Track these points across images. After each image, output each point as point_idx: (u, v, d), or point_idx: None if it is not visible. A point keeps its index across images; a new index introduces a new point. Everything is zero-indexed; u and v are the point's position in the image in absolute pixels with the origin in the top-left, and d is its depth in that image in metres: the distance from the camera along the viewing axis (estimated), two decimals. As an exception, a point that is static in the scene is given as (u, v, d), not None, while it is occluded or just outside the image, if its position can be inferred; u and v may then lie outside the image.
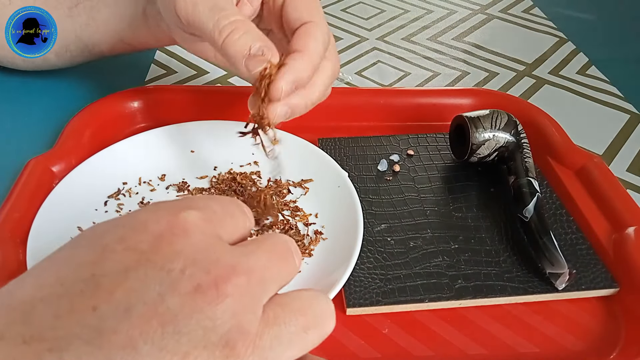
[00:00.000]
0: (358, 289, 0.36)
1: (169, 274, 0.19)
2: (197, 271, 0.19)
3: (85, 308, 0.18)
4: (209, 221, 0.21)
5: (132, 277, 0.18)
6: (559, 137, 0.49)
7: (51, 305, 0.18)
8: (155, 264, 0.19)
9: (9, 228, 0.37)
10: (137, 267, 0.19)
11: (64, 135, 0.46)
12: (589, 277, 0.38)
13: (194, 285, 0.19)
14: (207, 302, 0.19)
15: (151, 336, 0.17)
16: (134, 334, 0.17)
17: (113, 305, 0.18)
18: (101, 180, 0.42)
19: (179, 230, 0.20)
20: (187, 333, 0.18)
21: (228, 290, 0.19)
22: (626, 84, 0.64)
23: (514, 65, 0.68)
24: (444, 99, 0.55)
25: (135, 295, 0.18)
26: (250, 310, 0.20)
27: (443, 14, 0.80)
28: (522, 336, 0.35)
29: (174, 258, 0.19)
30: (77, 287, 0.18)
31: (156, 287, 0.18)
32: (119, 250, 0.19)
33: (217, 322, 0.19)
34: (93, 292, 0.18)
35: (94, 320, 0.17)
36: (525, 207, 0.40)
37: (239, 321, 0.19)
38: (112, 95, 0.51)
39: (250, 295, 0.20)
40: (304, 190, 0.43)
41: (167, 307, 0.18)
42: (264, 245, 0.23)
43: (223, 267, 0.20)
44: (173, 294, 0.18)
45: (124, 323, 0.17)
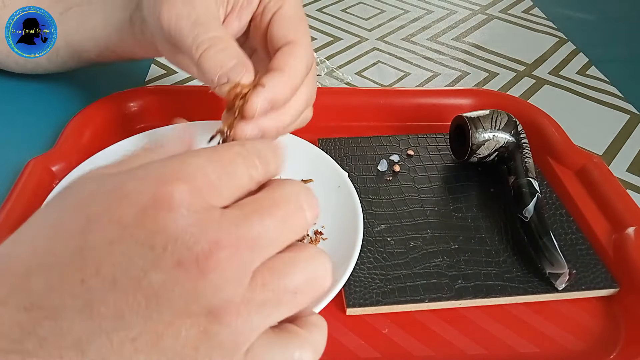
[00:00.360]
0: (358, 289, 0.36)
1: (152, 250, 0.19)
2: (179, 248, 0.19)
3: (74, 280, 0.19)
4: (197, 193, 0.20)
5: (117, 251, 0.19)
6: (559, 137, 0.49)
7: (44, 276, 0.19)
8: (138, 239, 0.19)
9: (9, 228, 0.37)
10: (121, 241, 0.19)
11: (64, 135, 0.46)
12: (589, 277, 0.38)
13: (174, 262, 0.19)
14: (188, 277, 0.19)
15: (136, 308, 0.19)
16: (121, 305, 0.19)
17: (100, 278, 0.19)
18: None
19: (163, 205, 0.20)
20: (170, 306, 0.19)
21: (209, 265, 0.19)
22: (626, 84, 0.64)
23: (514, 66, 0.68)
24: (444, 99, 0.55)
25: (120, 270, 0.19)
26: (235, 280, 0.20)
27: (443, 14, 0.80)
28: (522, 336, 0.35)
29: (156, 234, 0.19)
30: (66, 258, 0.19)
31: (139, 262, 0.19)
32: (104, 222, 0.20)
33: (199, 294, 0.19)
34: (81, 265, 0.19)
35: (82, 292, 0.19)
36: (525, 207, 0.40)
37: (221, 292, 0.19)
38: (112, 95, 0.51)
39: (234, 267, 0.20)
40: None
41: (149, 281, 0.19)
42: (263, 204, 0.22)
43: (205, 242, 0.20)
44: (156, 269, 0.19)
45: (111, 295, 0.19)
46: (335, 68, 0.65)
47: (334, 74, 0.64)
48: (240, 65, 0.34)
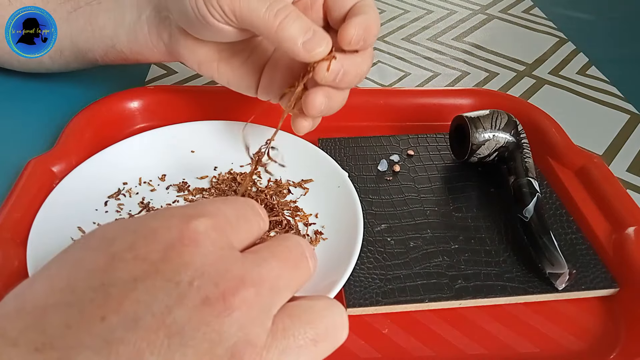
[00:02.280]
0: (358, 289, 0.36)
1: (177, 286, 0.19)
2: (205, 283, 0.19)
3: (94, 318, 0.18)
4: (220, 230, 0.21)
5: (141, 288, 0.19)
6: (559, 137, 0.49)
7: (62, 313, 0.18)
8: (164, 275, 0.19)
9: (9, 228, 0.37)
10: (145, 277, 0.19)
11: (64, 135, 0.46)
12: (589, 277, 0.38)
13: (201, 298, 0.19)
14: (214, 315, 0.19)
15: (158, 348, 0.18)
16: (141, 345, 0.18)
17: (121, 316, 0.18)
18: (101, 180, 0.42)
19: (189, 241, 0.20)
20: (193, 345, 0.18)
21: (236, 303, 0.19)
22: (626, 84, 0.64)
23: (514, 66, 0.68)
24: (444, 99, 0.55)
25: (144, 307, 0.18)
26: (258, 322, 0.20)
27: (443, 14, 0.80)
28: (522, 336, 0.35)
29: (182, 270, 0.19)
30: (87, 295, 0.19)
31: (164, 298, 0.18)
32: (128, 259, 0.19)
33: (224, 335, 0.19)
34: (102, 302, 0.18)
35: (102, 331, 0.18)
36: (525, 207, 0.40)
37: (246, 334, 0.19)
38: (112, 95, 0.51)
39: (259, 307, 0.20)
40: (304, 191, 0.43)
41: (174, 319, 0.18)
42: (276, 251, 0.22)
43: (231, 279, 0.20)
44: (180, 306, 0.18)
45: (132, 334, 0.18)
46: (335, 68, 0.65)
47: (334, 74, 0.63)
48: (320, 32, 0.35)
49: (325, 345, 0.22)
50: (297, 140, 0.46)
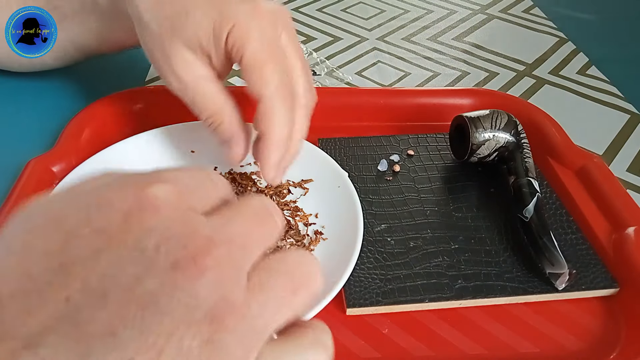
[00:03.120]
0: (358, 289, 0.36)
1: (143, 254, 0.18)
2: (173, 247, 0.18)
3: (57, 300, 0.17)
4: (179, 194, 0.20)
5: (104, 261, 0.17)
6: (559, 137, 0.49)
7: (20, 302, 0.17)
8: (127, 245, 0.18)
9: (9, 228, 0.37)
10: (107, 250, 0.17)
11: (64, 135, 0.46)
12: (589, 277, 0.38)
13: (171, 263, 0.18)
14: (187, 278, 0.18)
15: (131, 321, 0.16)
16: (112, 320, 0.16)
17: (87, 293, 0.17)
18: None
19: (148, 206, 0.19)
20: (170, 312, 0.17)
21: (208, 263, 0.18)
22: (626, 84, 0.64)
23: (514, 65, 0.68)
24: (444, 99, 0.55)
25: (110, 280, 0.17)
26: (234, 280, 0.19)
27: (443, 14, 0.80)
28: (522, 336, 0.35)
29: (146, 236, 0.18)
30: (45, 278, 0.17)
31: (131, 269, 0.17)
32: (85, 234, 0.18)
33: (200, 297, 0.18)
34: (64, 282, 0.17)
35: (68, 312, 0.16)
36: (525, 207, 0.40)
37: (223, 294, 0.18)
38: (112, 95, 0.51)
39: (232, 265, 0.19)
40: (304, 191, 0.43)
41: (145, 288, 0.17)
42: (240, 210, 0.21)
43: (200, 239, 0.19)
44: (150, 274, 0.17)
45: (101, 311, 0.16)
46: (335, 68, 0.65)
47: (334, 74, 0.64)
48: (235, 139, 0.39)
49: (303, 294, 0.21)
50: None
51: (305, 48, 0.68)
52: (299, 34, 0.72)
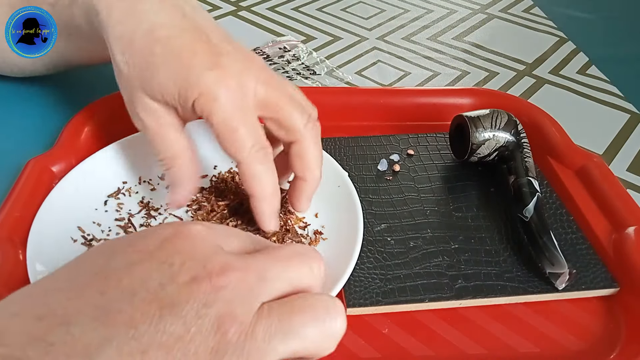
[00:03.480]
0: (358, 289, 0.36)
1: (170, 267, 0.21)
2: (195, 265, 0.21)
3: (94, 292, 0.20)
4: (211, 233, 0.24)
5: (138, 269, 0.21)
6: (559, 137, 0.49)
7: (63, 292, 0.20)
8: (159, 259, 0.21)
9: (9, 228, 0.37)
10: (142, 262, 0.21)
11: (64, 135, 0.46)
12: (589, 277, 0.38)
13: (190, 276, 0.21)
14: (201, 291, 0.21)
15: (150, 318, 0.19)
16: (135, 315, 0.19)
17: (119, 290, 0.20)
18: (101, 179, 0.42)
19: (183, 235, 0.23)
20: (182, 317, 0.20)
21: (221, 282, 0.21)
22: (626, 84, 0.64)
23: (514, 65, 0.68)
24: (444, 99, 0.55)
25: (140, 283, 0.20)
26: (245, 302, 0.21)
27: (443, 13, 0.80)
28: (522, 336, 0.35)
29: (175, 255, 0.22)
30: (87, 278, 0.21)
31: (158, 277, 0.21)
32: (127, 252, 0.22)
33: (210, 308, 0.20)
34: (102, 281, 0.21)
35: (101, 302, 0.20)
36: (525, 207, 0.40)
37: (232, 310, 0.21)
38: (112, 95, 0.51)
39: (245, 290, 0.22)
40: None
41: (166, 293, 0.20)
42: (269, 252, 0.24)
43: (218, 262, 0.22)
44: (172, 283, 0.21)
45: (128, 305, 0.20)
46: (335, 67, 0.65)
47: (334, 74, 0.63)
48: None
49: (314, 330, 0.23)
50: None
51: (305, 47, 0.68)
52: (299, 34, 0.72)
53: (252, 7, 0.79)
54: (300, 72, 0.63)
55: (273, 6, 0.79)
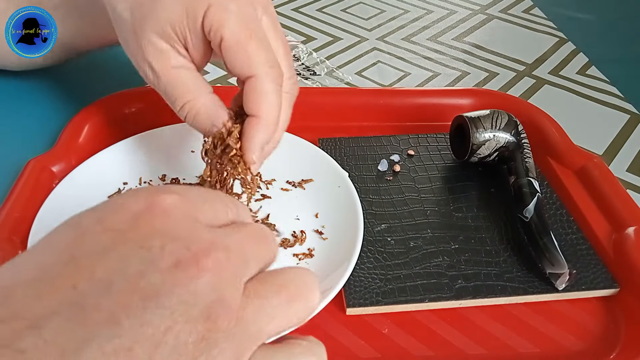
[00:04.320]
0: (358, 289, 0.36)
1: (149, 251, 0.19)
2: (177, 247, 0.19)
3: (65, 287, 0.18)
4: (187, 203, 0.21)
5: (112, 255, 0.19)
6: (559, 137, 0.49)
7: (30, 288, 0.18)
8: (135, 242, 0.19)
9: (9, 228, 0.37)
10: (116, 245, 0.19)
11: (64, 135, 0.46)
12: (589, 277, 0.38)
13: (174, 261, 0.19)
14: (187, 277, 0.19)
15: (133, 311, 0.17)
16: (115, 309, 0.17)
17: (94, 283, 0.18)
18: (102, 180, 0.42)
19: (157, 210, 0.20)
20: (169, 307, 0.18)
21: (208, 264, 0.19)
22: (626, 84, 0.64)
23: (514, 65, 0.68)
24: (444, 99, 0.55)
25: (116, 273, 0.18)
26: (231, 284, 0.20)
27: (443, 14, 0.80)
28: (522, 336, 0.35)
29: (153, 236, 0.19)
30: (56, 269, 0.18)
31: (136, 263, 0.18)
32: (97, 231, 0.19)
33: (199, 296, 0.19)
34: (73, 272, 0.18)
35: (74, 298, 0.17)
36: (526, 207, 0.40)
37: (220, 295, 0.19)
38: (112, 95, 0.51)
39: (231, 270, 0.20)
40: (302, 190, 0.43)
41: (148, 282, 0.18)
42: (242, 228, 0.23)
43: (202, 242, 0.20)
44: (153, 270, 0.18)
45: (106, 299, 0.17)
46: (335, 68, 0.65)
47: (334, 74, 0.64)
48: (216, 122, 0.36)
49: (299, 306, 0.22)
50: (297, 140, 0.46)
51: (305, 48, 0.68)
52: (299, 34, 0.72)
53: (252, 8, 0.79)
54: (301, 72, 0.63)
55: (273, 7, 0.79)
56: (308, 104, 0.39)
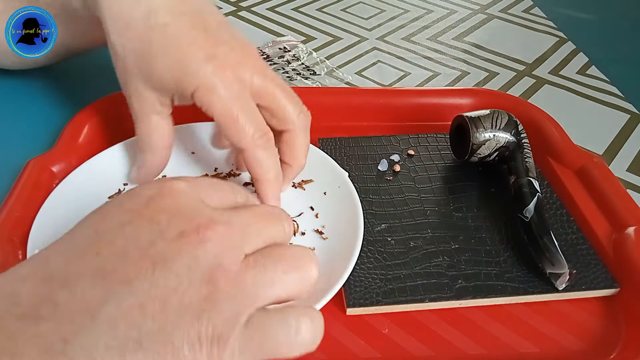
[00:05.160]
0: (358, 289, 0.36)
1: (158, 225, 0.23)
2: (181, 220, 0.23)
3: (90, 253, 0.22)
4: (193, 188, 0.25)
5: (128, 228, 0.22)
6: (559, 137, 0.49)
7: (62, 255, 0.22)
8: (146, 218, 0.23)
9: (9, 228, 0.37)
10: (131, 221, 0.23)
11: (64, 135, 0.46)
12: (589, 277, 0.38)
13: (178, 232, 0.22)
14: (190, 244, 0.22)
15: (144, 273, 0.21)
16: (129, 272, 0.21)
17: (112, 250, 0.22)
18: (102, 181, 0.42)
19: (166, 193, 0.24)
20: (174, 271, 0.21)
21: (208, 234, 0.23)
22: (626, 84, 0.64)
23: (514, 65, 0.68)
24: (444, 99, 0.55)
25: (131, 242, 0.22)
26: (231, 253, 0.23)
27: (443, 14, 0.80)
28: (522, 336, 0.35)
29: (160, 212, 0.23)
30: (83, 241, 0.23)
31: (147, 235, 0.22)
32: (117, 212, 0.24)
33: (200, 260, 0.22)
34: (96, 242, 0.22)
35: (97, 262, 0.21)
36: (526, 207, 0.40)
37: (220, 261, 0.22)
38: (112, 95, 0.51)
39: (230, 241, 0.23)
40: (302, 190, 0.43)
41: (156, 250, 0.22)
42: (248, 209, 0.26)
43: (204, 217, 0.23)
44: (161, 240, 0.22)
45: (122, 263, 0.21)
46: (335, 68, 0.65)
47: (334, 74, 0.64)
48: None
49: (295, 276, 0.25)
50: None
51: (305, 48, 0.68)
52: (299, 34, 0.72)
53: (252, 8, 0.79)
54: (300, 72, 0.63)
55: (273, 6, 0.79)
56: (308, 104, 0.39)
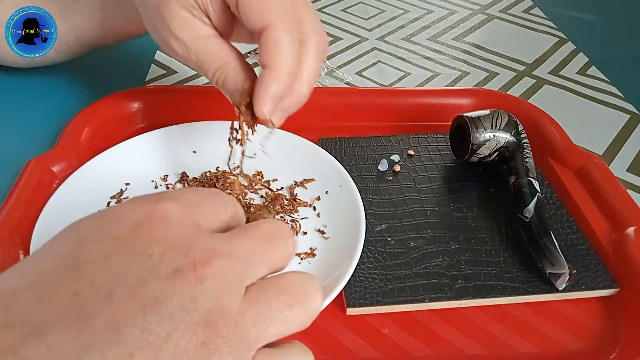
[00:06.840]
0: (358, 289, 0.36)
1: (149, 259, 0.19)
2: (176, 255, 0.19)
3: (66, 293, 0.18)
4: (186, 210, 0.21)
5: (113, 262, 0.19)
6: (559, 137, 0.49)
7: (32, 293, 0.18)
8: (135, 250, 0.19)
9: (9, 228, 0.37)
10: (117, 253, 0.19)
11: (64, 135, 0.46)
12: (589, 277, 0.38)
13: (173, 268, 0.19)
14: (186, 284, 0.19)
15: (133, 318, 0.18)
16: (116, 316, 0.17)
17: (95, 290, 0.18)
18: (104, 181, 0.42)
19: (157, 218, 0.20)
20: (169, 314, 0.18)
21: (207, 272, 0.19)
22: (626, 84, 0.64)
23: (514, 65, 0.68)
24: (444, 99, 0.55)
25: (117, 280, 0.18)
26: (231, 290, 0.20)
27: (443, 14, 0.80)
28: (522, 336, 0.35)
29: (152, 244, 0.19)
30: (57, 274, 0.18)
31: (136, 271, 0.19)
32: (97, 240, 0.19)
33: (198, 302, 0.19)
34: (74, 279, 0.18)
35: (76, 305, 0.17)
36: (526, 207, 0.40)
37: (219, 301, 0.19)
38: (112, 95, 0.51)
39: (230, 277, 0.20)
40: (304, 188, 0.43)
41: (148, 289, 0.18)
42: (249, 230, 0.23)
43: (201, 250, 0.20)
44: (153, 277, 0.18)
45: (106, 306, 0.18)
46: (335, 68, 0.65)
47: (334, 74, 0.64)
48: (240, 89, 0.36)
49: (299, 311, 0.22)
50: (298, 140, 0.46)
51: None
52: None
53: (252, 8, 0.79)
54: (301, 72, 0.63)
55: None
56: (308, 103, 0.39)
